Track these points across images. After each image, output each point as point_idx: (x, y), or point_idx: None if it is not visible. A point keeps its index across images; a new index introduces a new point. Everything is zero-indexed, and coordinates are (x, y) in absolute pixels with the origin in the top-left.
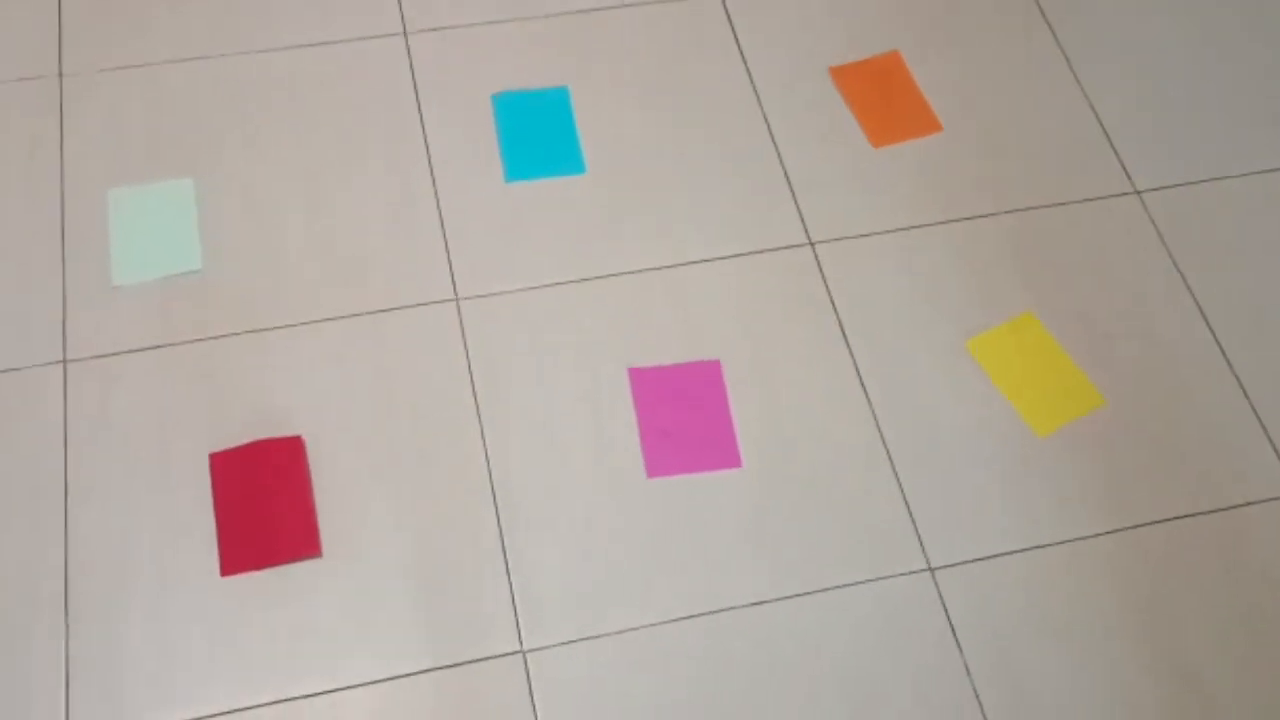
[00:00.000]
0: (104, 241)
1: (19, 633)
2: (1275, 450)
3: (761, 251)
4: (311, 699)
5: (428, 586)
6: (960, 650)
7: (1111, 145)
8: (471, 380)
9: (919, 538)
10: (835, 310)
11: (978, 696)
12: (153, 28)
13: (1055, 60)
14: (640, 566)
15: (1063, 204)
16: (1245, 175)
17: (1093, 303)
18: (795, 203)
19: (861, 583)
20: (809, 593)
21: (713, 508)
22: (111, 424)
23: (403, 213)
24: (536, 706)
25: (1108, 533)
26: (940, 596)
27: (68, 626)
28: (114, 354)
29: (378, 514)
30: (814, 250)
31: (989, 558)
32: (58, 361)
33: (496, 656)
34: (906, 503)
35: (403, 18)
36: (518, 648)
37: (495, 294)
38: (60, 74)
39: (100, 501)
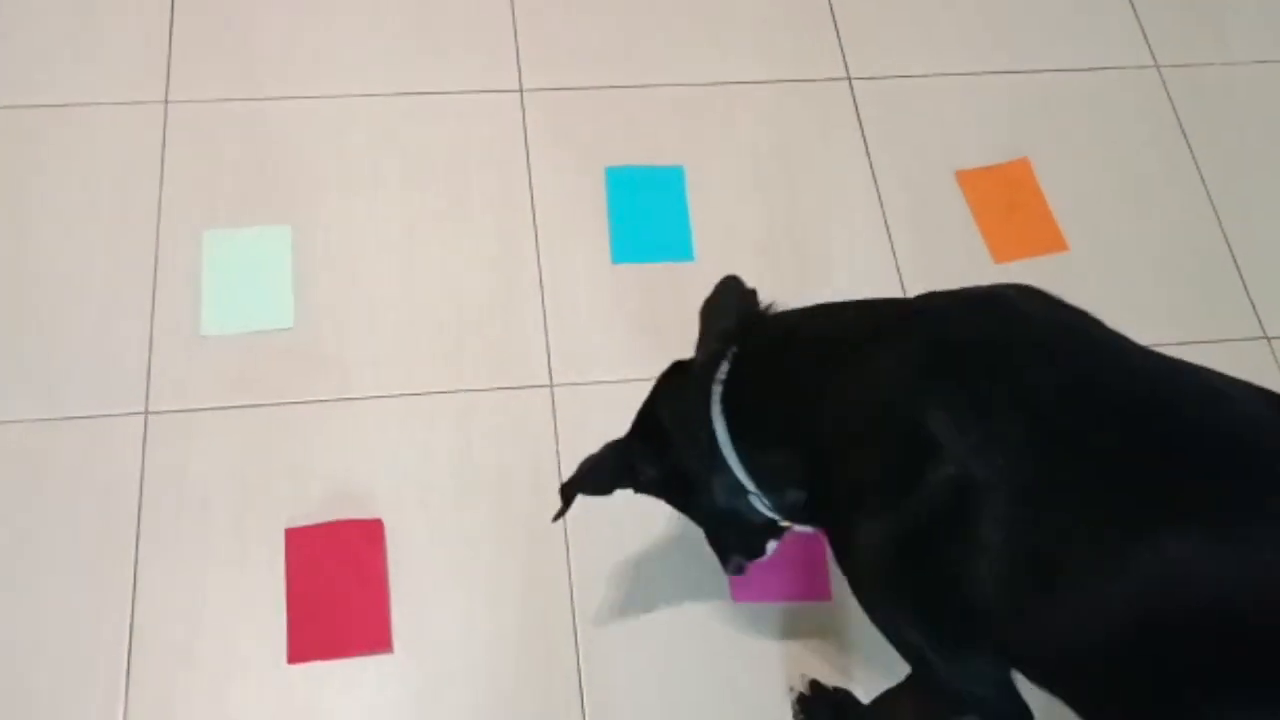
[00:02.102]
0: (195, 285)
1: (76, 698)
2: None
3: None
4: None
5: (497, 699)
6: None
7: (1245, 289)
8: (559, 475)
9: None
10: None
11: None
12: (262, 61)
13: (1194, 187)
14: None
15: (1192, 343)
16: None
17: None
18: None
19: None
20: None
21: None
22: (188, 484)
23: (504, 282)
24: None
25: None
26: None
27: (127, 698)
28: (197, 409)
29: (452, 613)
30: None
31: None
32: (139, 412)
33: None
34: None
35: (520, 74)
36: None
37: (591, 383)
38: (166, 100)
39: (171, 566)
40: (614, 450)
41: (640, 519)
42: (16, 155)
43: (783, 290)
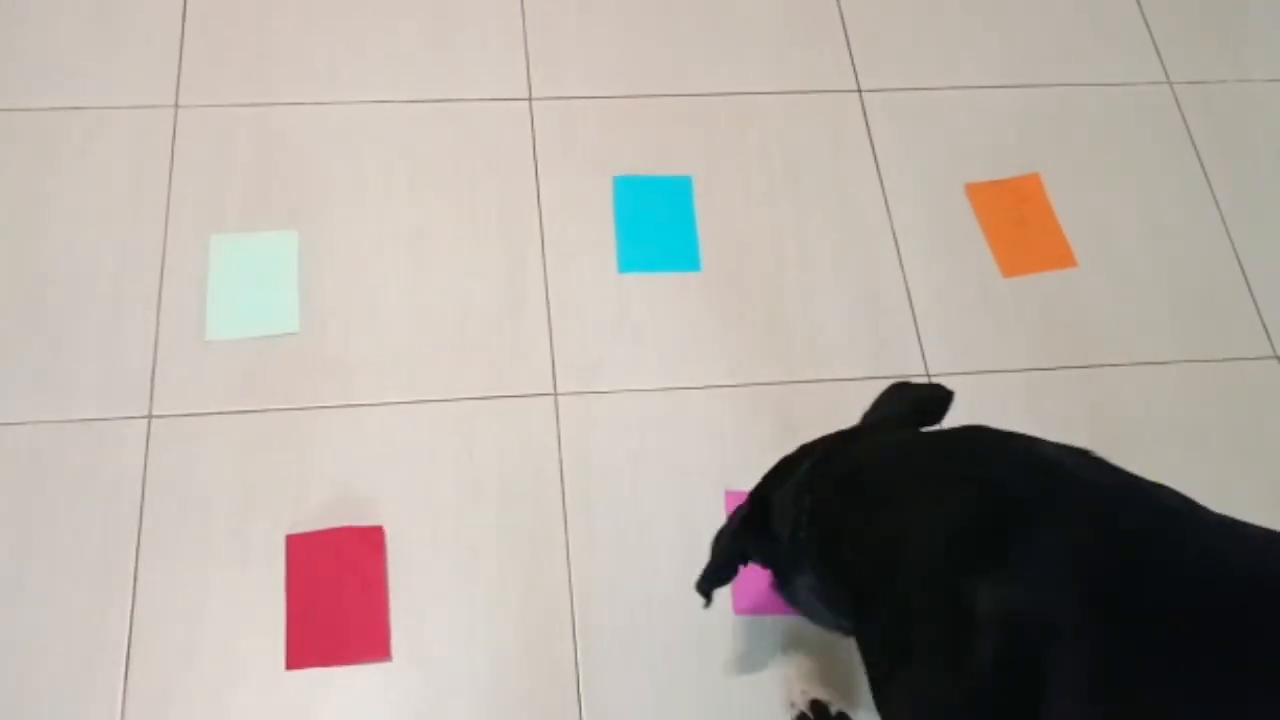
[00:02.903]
0: (201, 290)
1: (75, 699)
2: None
3: (874, 378)
4: None
5: (496, 709)
6: None
7: (1257, 307)
8: (562, 486)
9: None
10: None
11: None
12: (272, 67)
13: (1206, 205)
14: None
15: (1201, 361)
16: None
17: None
18: (916, 329)
19: None
20: None
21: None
22: (190, 488)
23: (509, 291)
24: None
25: None
26: None
27: (125, 701)
28: (200, 414)
29: (452, 621)
30: (929, 381)
31: None
32: (143, 416)
33: None
34: None
35: (529, 83)
36: None
37: (595, 392)
38: (176, 105)
39: (172, 569)
40: (731, 538)
41: (642, 530)
42: (28, 157)
43: (789, 304)
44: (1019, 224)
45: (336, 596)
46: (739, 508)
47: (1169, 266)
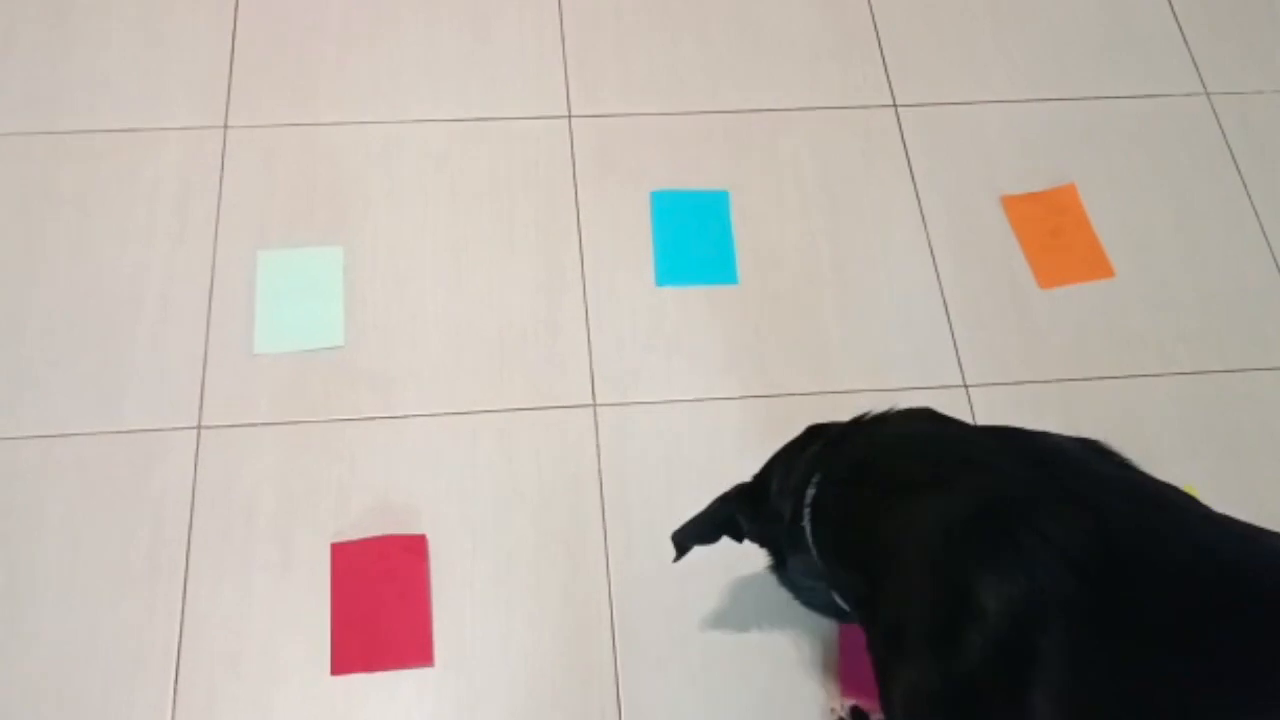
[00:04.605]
0: (249, 304)
1: (125, 704)
2: None
3: (911, 389)
4: None
5: (536, 714)
6: None
7: None
8: (601, 495)
9: None
10: None
11: None
12: (318, 88)
13: (1245, 215)
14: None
15: (1240, 370)
16: None
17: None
18: (953, 341)
19: None
20: None
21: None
22: (237, 497)
23: (549, 304)
24: None
25: None
26: None
27: (175, 706)
28: (248, 425)
29: (492, 627)
30: (968, 394)
31: None
32: (192, 427)
33: None
34: None
35: (568, 101)
36: None
37: (633, 403)
38: (225, 126)
39: (219, 577)
40: (722, 502)
41: None
42: (82, 177)
43: (825, 315)
44: (1055, 235)
45: (380, 603)
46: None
47: (1207, 276)
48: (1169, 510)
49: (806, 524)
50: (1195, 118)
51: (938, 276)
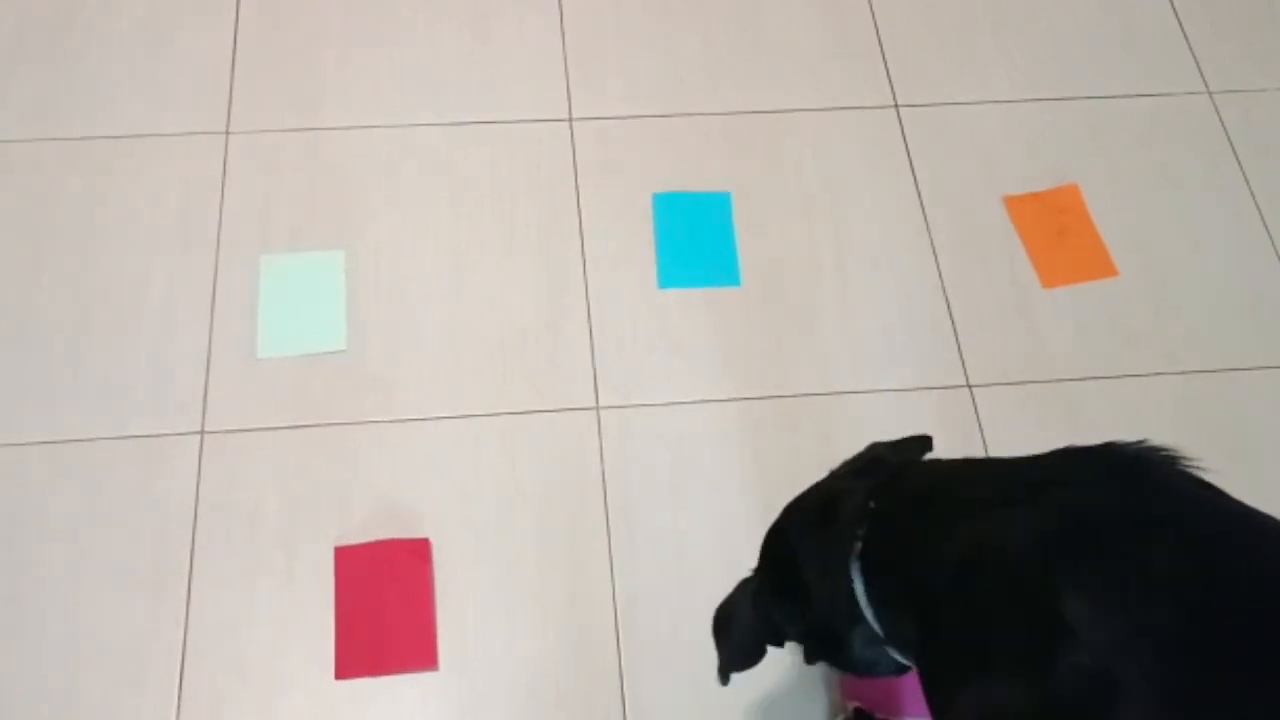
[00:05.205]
0: (252, 309)
1: (130, 710)
2: None
3: (916, 390)
4: None
5: (540, 717)
6: None
7: None
8: (605, 498)
9: None
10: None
11: None
12: (319, 94)
13: (1248, 213)
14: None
15: (1246, 369)
16: None
17: None
18: (957, 342)
19: None
20: None
21: None
22: (241, 501)
23: (551, 308)
24: None
25: None
26: None
27: (179, 711)
28: (251, 429)
29: (496, 630)
30: (971, 394)
31: None
32: (195, 432)
33: None
34: None
35: (569, 104)
36: None
37: (636, 406)
38: (227, 132)
39: (223, 581)
40: (757, 619)
41: (683, 539)
42: (84, 184)
43: (828, 316)
44: (1058, 235)
45: (384, 607)
46: (744, 580)
47: (1211, 275)
48: (1259, 532)
49: (858, 582)
50: (1197, 116)
51: (940, 277)
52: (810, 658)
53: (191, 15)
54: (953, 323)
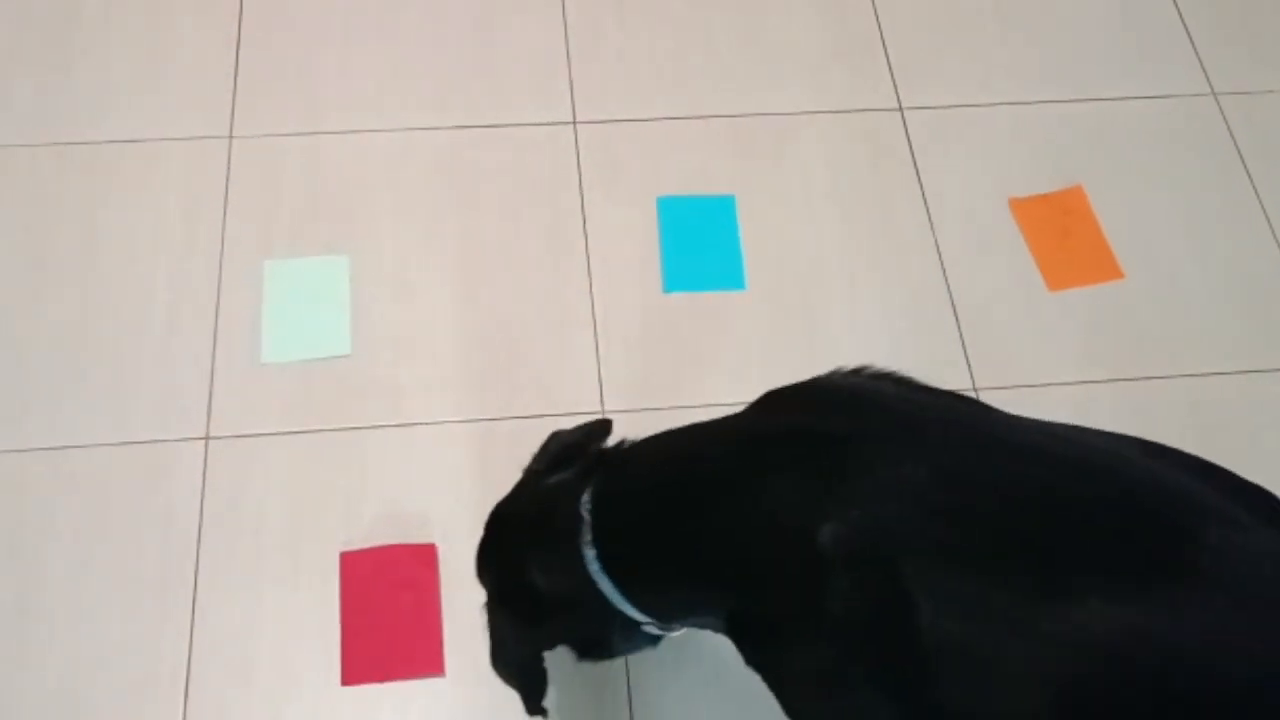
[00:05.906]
0: (256, 313)
1: (136, 716)
2: None
3: None
4: None
5: None
6: None
7: None
8: None
9: None
10: None
11: None
12: (322, 98)
13: (1254, 215)
14: None
15: (1252, 371)
16: None
17: None
18: (963, 345)
19: None
20: None
21: None
22: (246, 507)
23: (556, 311)
24: None
25: None
26: None
27: (185, 716)
28: (256, 434)
29: None
30: (977, 396)
31: None
32: (201, 437)
33: None
34: None
35: (573, 107)
36: None
37: (642, 410)
38: (230, 136)
39: (229, 587)
40: (520, 642)
41: None
42: (87, 188)
43: (834, 319)
44: (1064, 237)
45: (390, 613)
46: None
47: (1218, 277)
48: (982, 422)
49: (596, 568)
50: (1202, 118)
51: (946, 280)
52: (581, 656)
53: (194, 19)
54: (958, 325)
